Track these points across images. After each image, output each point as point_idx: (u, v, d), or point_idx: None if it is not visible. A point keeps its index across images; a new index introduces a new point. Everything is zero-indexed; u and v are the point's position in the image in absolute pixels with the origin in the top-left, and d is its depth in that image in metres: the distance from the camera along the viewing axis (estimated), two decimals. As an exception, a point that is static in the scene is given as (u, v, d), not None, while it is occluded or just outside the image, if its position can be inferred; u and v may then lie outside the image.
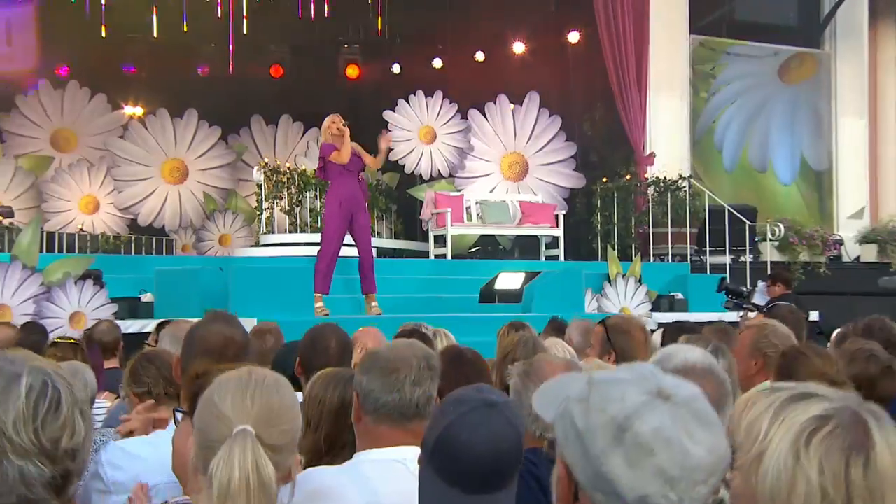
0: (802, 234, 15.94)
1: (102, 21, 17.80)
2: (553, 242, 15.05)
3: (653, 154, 15.47)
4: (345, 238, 10.66)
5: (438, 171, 15.66)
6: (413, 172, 15.75)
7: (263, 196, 14.89)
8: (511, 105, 15.98)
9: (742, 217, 14.64)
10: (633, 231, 15.34)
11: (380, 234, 15.37)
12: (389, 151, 12.60)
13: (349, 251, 10.90)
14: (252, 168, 16.34)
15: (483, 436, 2.16)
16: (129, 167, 16.66)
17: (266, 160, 15.61)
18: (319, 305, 10.36)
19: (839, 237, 16.83)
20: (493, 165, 15.85)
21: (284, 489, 2.12)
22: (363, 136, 11.28)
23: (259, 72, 18.63)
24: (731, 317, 11.50)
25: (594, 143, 16.47)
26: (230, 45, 18.69)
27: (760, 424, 1.73)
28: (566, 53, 17.25)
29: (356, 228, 10.60)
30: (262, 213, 14.91)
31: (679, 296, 13.13)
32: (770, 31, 17.62)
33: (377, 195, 15.58)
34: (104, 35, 17.77)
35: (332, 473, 2.82)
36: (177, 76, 17.74)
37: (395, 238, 16.19)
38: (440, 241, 14.49)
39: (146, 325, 9.81)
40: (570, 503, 1.65)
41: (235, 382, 2.13)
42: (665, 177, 15.20)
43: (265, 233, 14.73)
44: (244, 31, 18.58)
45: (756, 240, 15.25)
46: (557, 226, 14.95)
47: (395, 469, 2.74)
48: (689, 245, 15.02)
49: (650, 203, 15.19)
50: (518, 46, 17.54)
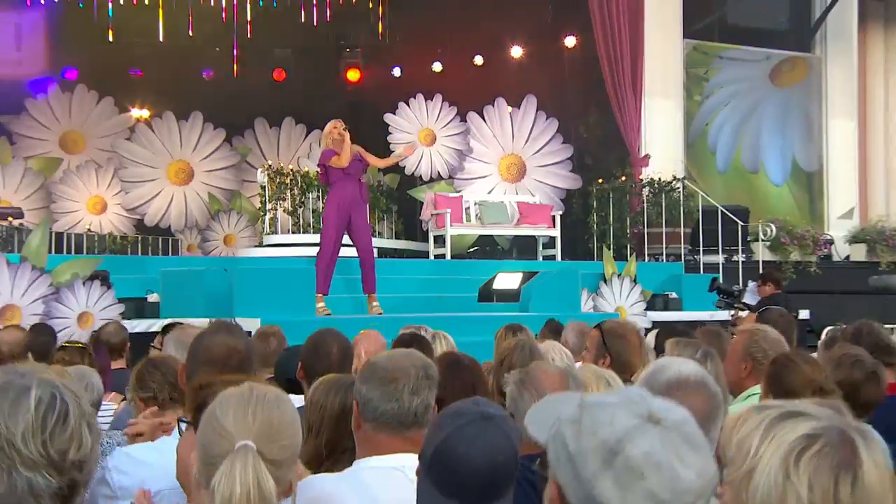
0: (794, 234, 15.94)
1: (110, 26, 17.86)
2: (550, 242, 15.04)
3: (647, 156, 15.47)
4: (342, 239, 10.65)
5: (438, 173, 15.66)
6: (413, 174, 15.74)
7: (267, 197, 14.88)
8: (509, 108, 15.97)
9: (734, 217, 14.63)
10: (629, 231, 15.35)
11: (381, 235, 15.36)
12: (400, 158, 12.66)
13: (351, 251, 10.88)
14: (256, 169, 16.33)
15: (480, 449, 2.15)
16: (136, 169, 16.66)
17: (269, 162, 15.62)
18: (321, 305, 10.35)
19: (829, 237, 16.83)
20: (492, 167, 15.84)
21: (285, 502, 2.12)
22: (364, 139, 11.28)
23: (262, 75, 18.62)
24: (723, 315, 11.55)
25: (590, 146, 16.47)
26: (234, 50, 18.74)
27: (751, 441, 1.73)
28: (563, 57, 17.26)
29: (353, 229, 10.59)
30: (266, 214, 14.91)
31: (673, 295, 13.12)
32: (762, 36, 17.61)
33: (378, 196, 15.58)
34: (111, 40, 17.83)
35: (333, 481, 2.81)
36: (182, 80, 17.73)
37: (396, 238, 16.18)
38: (440, 242, 14.48)
39: (152, 325, 9.80)
40: None
41: (237, 398, 2.13)
42: (659, 178, 15.20)
43: (269, 233, 14.73)
44: (248, 36, 18.64)
45: (748, 240, 15.25)
46: (554, 226, 14.94)
47: (394, 476, 2.74)
48: (683, 245, 15.03)
49: (645, 204, 15.19)
50: (516, 51, 17.55)
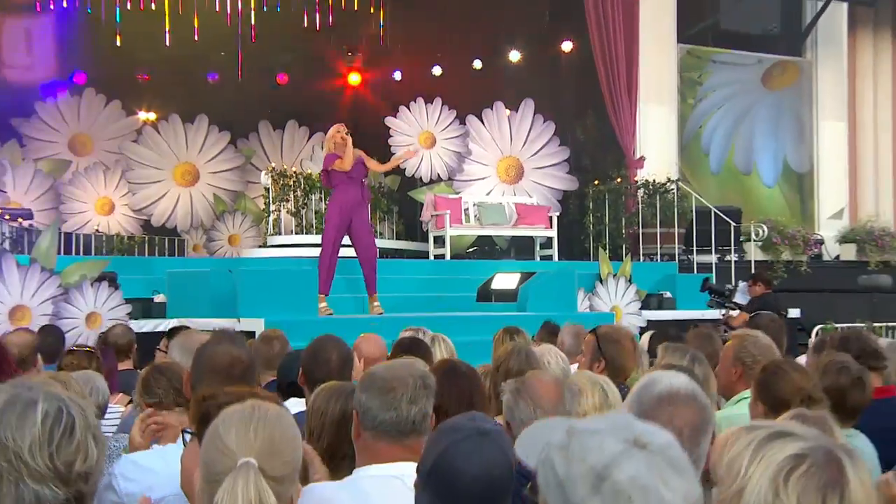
0: (785, 234, 15.95)
1: (117, 31, 17.84)
2: (547, 243, 15.03)
3: (642, 158, 15.47)
4: (343, 240, 10.66)
5: (438, 175, 15.64)
6: (414, 176, 15.72)
7: (270, 199, 14.88)
8: (507, 111, 15.93)
9: (727, 218, 14.64)
10: (624, 231, 15.34)
11: (382, 235, 15.36)
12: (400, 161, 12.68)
13: (353, 252, 10.89)
14: (260, 171, 16.31)
15: (476, 463, 2.16)
16: (143, 170, 16.65)
17: (273, 164, 15.62)
18: (323, 305, 10.37)
19: (820, 237, 16.84)
20: (490, 169, 15.82)
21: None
22: (365, 141, 11.27)
23: (266, 79, 18.59)
24: (714, 314, 11.59)
25: (586, 148, 16.45)
26: (239, 54, 18.71)
27: (741, 461, 1.74)
28: (559, 62, 17.25)
29: (354, 231, 10.60)
30: (270, 216, 14.91)
31: (667, 294, 13.14)
32: (754, 40, 17.61)
33: (379, 197, 15.58)
34: (119, 44, 17.82)
35: (333, 489, 2.82)
36: (188, 83, 17.70)
37: (397, 239, 16.17)
38: (439, 242, 14.48)
39: (159, 325, 9.83)
40: None
41: (239, 416, 2.13)
42: (654, 180, 15.20)
43: (272, 234, 14.74)
44: (252, 41, 18.61)
45: (741, 240, 15.25)
46: (551, 227, 14.93)
47: (393, 485, 2.74)
48: (677, 245, 15.02)
49: (640, 205, 15.18)
50: (514, 55, 17.53)
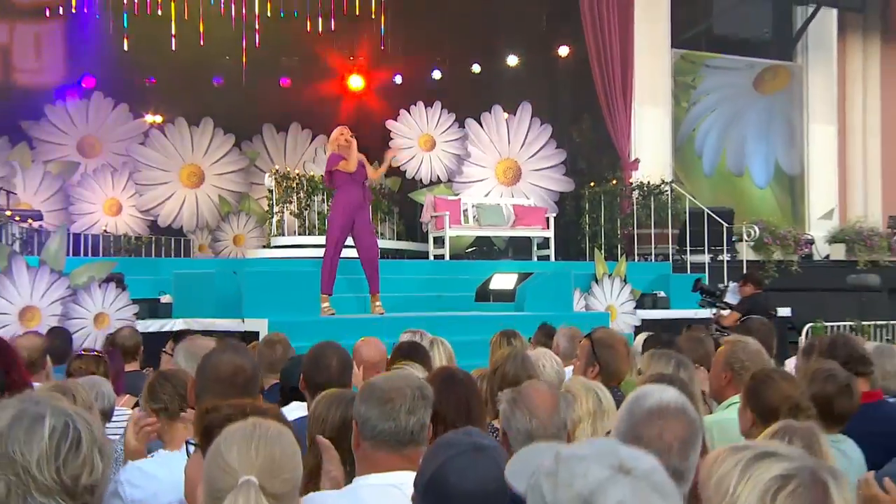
0: (776, 235, 15.94)
1: (125, 36, 17.85)
2: (544, 243, 15.02)
3: (637, 160, 15.48)
4: (346, 241, 10.66)
5: (437, 177, 15.64)
6: (414, 178, 15.72)
7: (274, 200, 14.88)
8: (505, 114, 15.94)
9: (720, 219, 14.64)
10: (619, 232, 15.35)
11: (383, 235, 15.35)
12: (391, 165, 12.63)
13: (354, 252, 10.88)
14: (264, 173, 16.32)
15: (471, 479, 2.16)
16: (150, 172, 16.65)
17: (276, 167, 15.61)
18: (325, 305, 10.36)
19: (810, 237, 16.84)
20: (489, 171, 15.82)
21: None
22: (367, 144, 11.27)
23: (270, 83, 18.56)
24: (706, 314, 11.59)
25: (582, 150, 16.46)
26: (243, 58, 18.71)
27: (729, 481, 1.74)
28: (556, 67, 17.28)
29: (357, 232, 10.58)
30: (273, 217, 14.91)
31: (661, 294, 13.15)
32: (746, 45, 17.61)
33: (380, 198, 15.57)
34: (126, 49, 17.82)
35: (333, 498, 2.82)
36: (194, 87, 17.67)
37: (398, 239, 16.17)
38: (439, 243, 14.47)
39: (165, 325, 9.84)
40: None
41: (240, 434, 2.13)
42: (649, 181, 15.21)
43: (276, 235, 14.74)
44: (256, 45, 18.62)
45: (733, 240, 15.25)
46: (548, 227, 14.92)
47: (391, 494, 2.74)
48: (671, 245, 15.04)
49: (635, 206, 15.18)
50: (512, 60, 17.55)
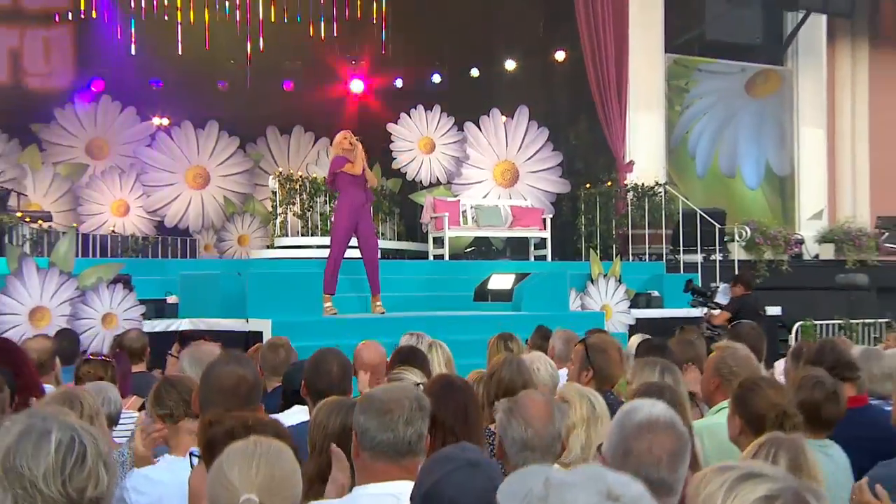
0: (767, 235, 15.92)
1: (132, 40, 17.86)
2: (541, 243, 15.03)
3: (632, 162, 15.47)
4: (350, 242, 10.68)
5: (437, 178, 15.63)
6: (414, 179, 15.72)
7: (277, 202, 14.89)
8: (503, 118, 15.94)
9: (712, 220, 14.64)
10: (614, 232, 15.36)
11: (384, 236, 15.37)
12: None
13: (355, 253, 10.90)
14: (268, 175, 16.33)
15: (468, 493, 2.17)
16: (157, 174, 16.64)
17: (280, 169, 15.62)
18: (328, 305, 10.37)
19: (800, 237, 16.83)
20: (487, 173, 15.82)
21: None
22: (368, 147, 11.28)
23: (274, 86, 18.59)
24: (697, 313, 11.61)
25: (578, 152, 16.46)
26: (248, 62, 18.73)
27: (714, 501, 1.75)
28: (553, 71, 17.29)
29: (360, 234, 10.60)
30: (277, 218, 14.91)
31: (655, 293, 13.16)
32: (737, 50, 17.58)
33: (382, 199, 15.58)
34: (133, 53, 17.83)
35: (333, 507, 2.84)
36: (199, 90, 17.68)
37: (399, 239, 16.18)
38: (439, 243, 14.47)
39: (171, 325, 9.85)
40: None
41: (242, 453, 2.15)
42: (643, 183, 15.21)
43: (279, 235, 14.75)
44: (261, 49, 18.63)
45: (725, 240, 15.24)
46: (545, 228, 14.94)
47: (389, 503, 2.76)
48: (665, 245, 15.04)
49: (629, 207, 15.19)
50: (509, 64, 17.57)
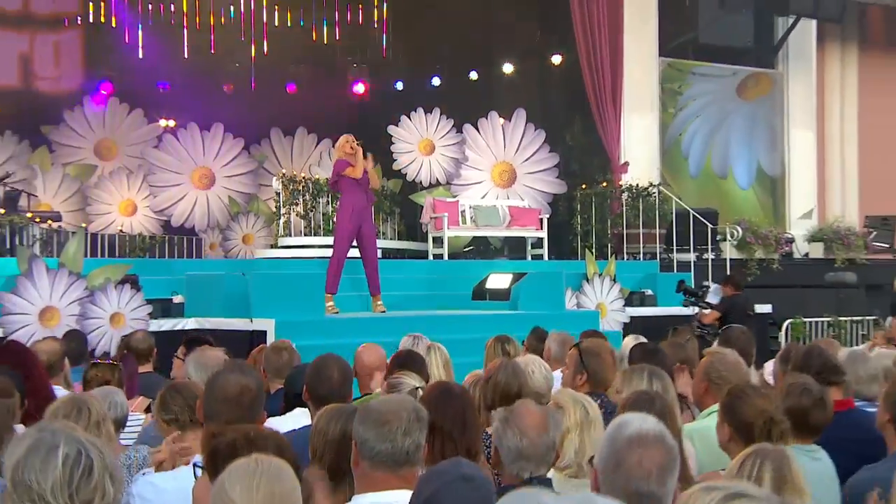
0: (758, 234, 15.94)
1: (140, 44, 17.87)
2: (538, 243, 15.04)
3: (626, 163, 15.48)
4: (352, 243, 10.70)
5: (436, 179, 15.62)
6: (414, 180, 15.72)
7: (281, 203, 14.90)
8: (501, 120, 15.92)
9: (704, 220, 14.64)
10: (609, 232, 15.35)
11: (385, 235, 15.38)
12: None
13: (357, 252, 10.92)
14: (272, 175, 16.35)
15: (464, 504, 2.19)
16: (163, 174, 16.63)
17: (284, 171, 15.63)
18: (330, 304, 10.39)
19: (790, 236, 16.85)
20: (485, 174, 15.82)
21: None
22: (370, 148, 11.28)
23: (277, 89, 18.60)
24: (689, 312, 11.64)
25: (574, 154, 16.44)
26: (252, 65, 18.74)
27: (701, 519, 1.77)
28: (549, 74, 17.28)
29: (362, 237, 10.64)
30: (280, 218, 14.93)
31: (649, 292, 13.18)
32: (730, 54, 17.60)
33: (383, 199, 15.57)
34: (141, 57, 17.83)
35: (333, 515, 2.85)
36: (205, 93, 17.69)
37: (399, 239, 16.18)
38: (438, 242, 14.49)
39: (177, 324, 9.86)
40: None
41: (243, 471, 2.16)
42: (637, 184, 15.20)
43: (283, 235, 14.76)
44: (265, 53, 18.64)
45: (717, 239, 15.24)
46: (542, 228, 14.95)
47: (388, 512, 2.77)
48: (659, 245, 15.05)
49: (624, 207, 15.18)
50: (507, 67, 17.56)
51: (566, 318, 10.96)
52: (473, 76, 18.05)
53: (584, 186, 15.79)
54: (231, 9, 18.66)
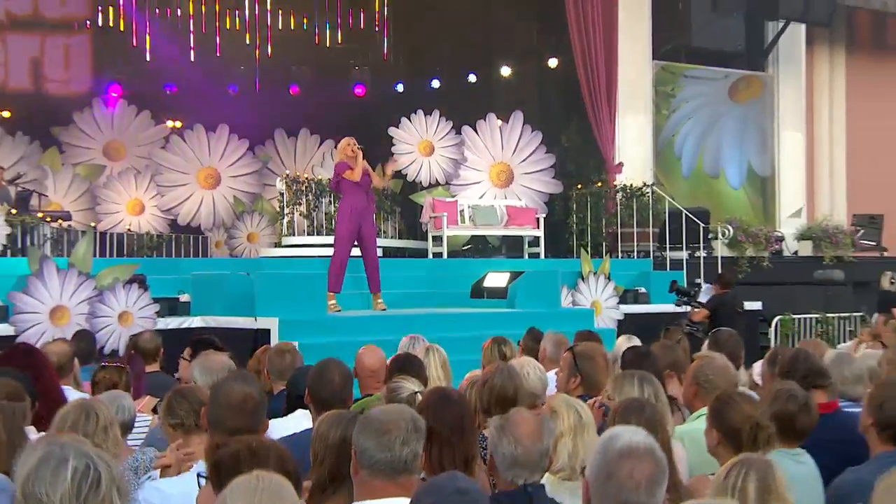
0: (749, 233, 15.93)
1: (148, 48, 17.87)
2: (535, 241, 15.06)
3: (621, 164, 15.47)
4: (353, 243, 10.71)
5: (436, 180, 15.64)
6: (414, 180, 15.73)
7: (285, 203, 14.91)
8: (499, 122, 15.93)
9: (696, 219, 14.64)
10: (604, 231, 15.36)
11: (386, 234, 15.40)
12: (395, 173, 12.64)
13: (358, 252, 10.92)
14: (276, 175, 16.39)
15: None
16: (170, 174, 16.66)
17: (287, 171, 15.64)
18: (332, 303, 10.40)
19: (780, 234, 16.85)
20: (484, 174, 15.83)
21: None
22: (370, 149, 11.29)
23: (281, 91, 18.60)
24: (680, 310, 11.64)
25: (570, 155, 16.45)
26: (257, 68, 18.73)
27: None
28: (546, 77, 17.27)
29: (363, 237, 10.65)
30: (284, 218, 14.94)
31: (642, 290, 13.18)
32: (721, 57, 17.59)
33: (384, 199, 15.59)
34: (148, 60, 17.83)
35: (334, 522, 2.87)
36: (210, 95, 17.68)
37: (400, 238, 16.19)
38: (437, 241, 14.51)
39: (184, 322, 9.87)
40: None
41: (245, 487, 2.17)
42: (631, 184, 15.21)
43: (286, 235, 14.78)
44: (269, 56, 18.63)
45: (709, 238, 15.25)
46: (539, 227, 14.97)
47: (386, 520, 2.79)
48: (652, 243, 15.04)
49: (618, 206, 15.19)
50: (505, 70, 17.56)
51: (562, 316, 10.99)
52: (472, 79, 18.05)
53: (580, 186, 15.79)
54: (236, 13, 18.66)
